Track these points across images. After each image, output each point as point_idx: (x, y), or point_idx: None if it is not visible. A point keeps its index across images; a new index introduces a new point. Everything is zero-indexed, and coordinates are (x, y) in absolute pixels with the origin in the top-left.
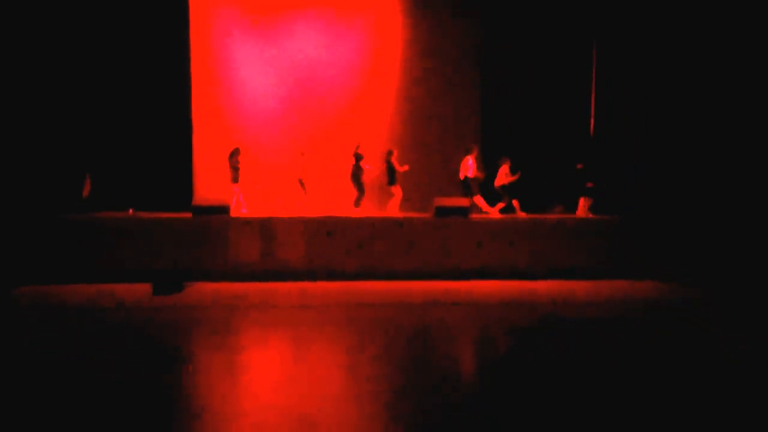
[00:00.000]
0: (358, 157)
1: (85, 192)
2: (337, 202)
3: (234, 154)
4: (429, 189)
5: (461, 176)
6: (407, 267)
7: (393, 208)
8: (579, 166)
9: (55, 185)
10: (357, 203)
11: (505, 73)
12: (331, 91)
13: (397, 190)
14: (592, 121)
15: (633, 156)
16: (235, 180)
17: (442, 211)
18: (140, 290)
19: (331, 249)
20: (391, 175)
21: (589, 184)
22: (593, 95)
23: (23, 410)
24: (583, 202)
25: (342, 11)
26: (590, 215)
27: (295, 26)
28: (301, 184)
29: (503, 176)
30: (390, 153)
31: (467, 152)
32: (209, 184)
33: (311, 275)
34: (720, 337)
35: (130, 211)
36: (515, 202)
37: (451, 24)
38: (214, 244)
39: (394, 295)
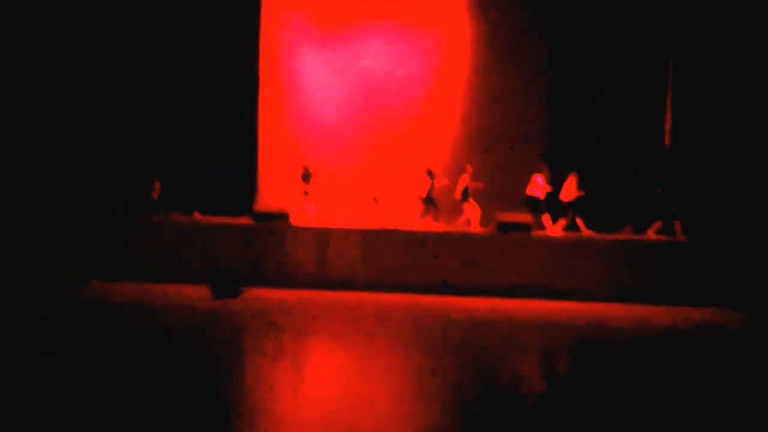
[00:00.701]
0: (431, 176)
1: (155, 195)
2: (400, 213)
3: (306, 177)
4: (495, 206)
5: (528, 192)
6: (467, 282)
7: (472, 224)
8: (658, 191)
9: (129, 189)
10: (424, 215)
11: (575, 90)
12: (398, 104)
13: (470, 207)
14: (667, 137)
15: (708, 175)
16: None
17: (505, 227)
18: (199, 292)
19: (389, 261)
20: (464, 192)
21: (674, 209)
22: (669, 113)
23: (82, 407)
24: (678, 227)
25: (412, 23)
26: (659, 237)
27: (364, 37)
28: (376, 201)
29: (571, 190)
30: (464, 170)
31: (538, 171)
32: (273, 191)
33: (368, 286)
34: None
35: (196, 214)
36: (579, 221)
37: (520, 39)
38: (272, 251)
39: (452, 310)
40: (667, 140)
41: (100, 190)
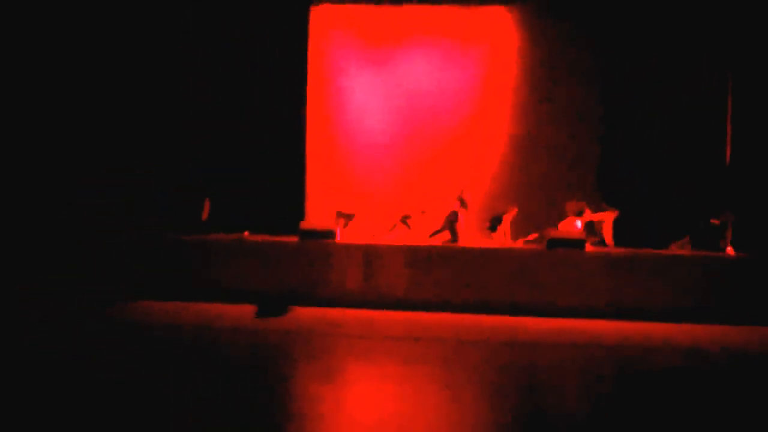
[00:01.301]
0: (463, 203)
1: (205, 215)
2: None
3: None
4: (540, 224)
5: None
6: (516, 300)
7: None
8: (715, 221)
9: (179, 207)
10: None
11: (628, 106)
12: (445, 121)
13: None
14: (728, 150)
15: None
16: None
17: (555, 243)
18: (245, 311)
19: (435, 279)
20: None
21: (714, 221)
22: (729, 129)
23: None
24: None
25: (458, 38)
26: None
27: (411, 53)
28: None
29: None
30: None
31: (577, 213)
32: (321, 209)
33: (413, 305)
34: None
35: (246, 233)
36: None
37: (569, 54)
38: (318, 269)
39: (500, 331)
40: (728, 157)
41: (150, 208)
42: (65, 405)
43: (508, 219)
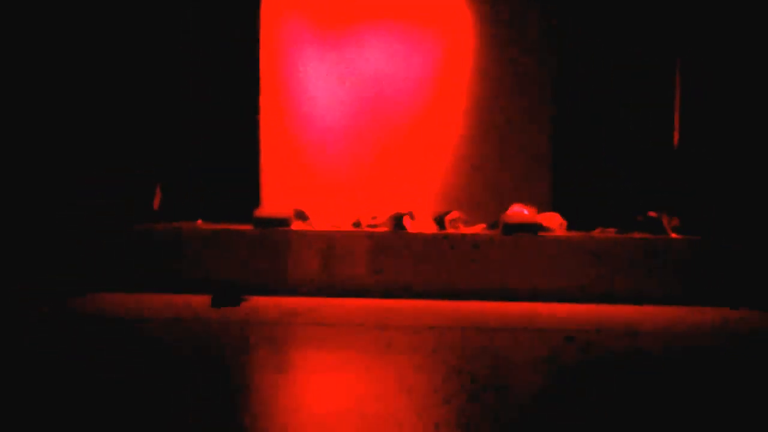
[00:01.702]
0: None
1: (156, 203)
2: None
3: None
4: (497, 208)
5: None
6: (473, 286)
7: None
8: (652, 214)
9: (129, 196)
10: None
11: (580, 89)
12: (401, 104)
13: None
14: (677, 134)
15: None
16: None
17: (511, 228)
18: (199, 302)
19: (394, 265)
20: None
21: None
22: (677, 113)
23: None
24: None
25: (414, 23)
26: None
27: (366, 37)
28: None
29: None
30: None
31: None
32: (277, 195)
33: (373, 292)
34: None
35: (199, 222)
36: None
37: (525, 38)
38: (274, 257)
39: (460, 316)
40: (676, 140)
41: (98, 192)
42: (13, 400)
43: (448, 220)
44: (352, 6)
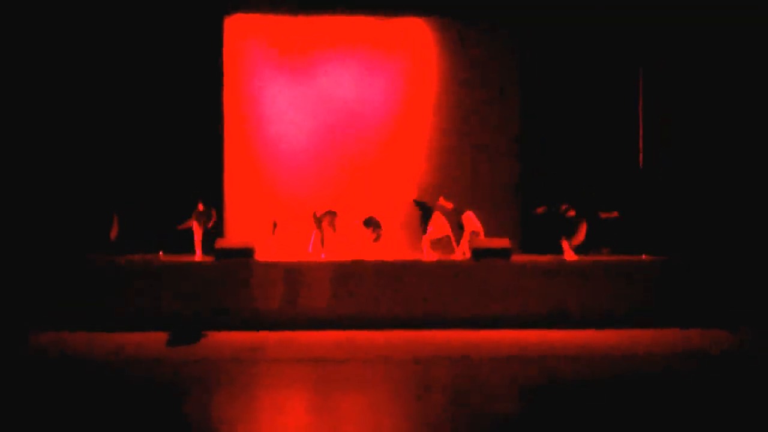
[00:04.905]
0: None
1: (113, 233)
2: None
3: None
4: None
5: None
6: (443, 314)
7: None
8: (607, 215)
9: (84, 226)
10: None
11: (545, 107)
12: (365, 130)
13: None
14: (641, 154)
15: (683, 190)
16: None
17: (481, 254)
18: (158, 339)
19: (359, 295)
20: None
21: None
22: (641, 127)
23: None
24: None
25: (376, 48)
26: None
27: (329, 64)
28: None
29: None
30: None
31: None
32: (241, 226)
33: (338, 323)
34: None
35: (161, 254)
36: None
37: (487, 59)
38: (236, 290)
39: (427, 348)
40: (641, 155)
41: (54, 225)
42: None
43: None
44: (315, 31)
